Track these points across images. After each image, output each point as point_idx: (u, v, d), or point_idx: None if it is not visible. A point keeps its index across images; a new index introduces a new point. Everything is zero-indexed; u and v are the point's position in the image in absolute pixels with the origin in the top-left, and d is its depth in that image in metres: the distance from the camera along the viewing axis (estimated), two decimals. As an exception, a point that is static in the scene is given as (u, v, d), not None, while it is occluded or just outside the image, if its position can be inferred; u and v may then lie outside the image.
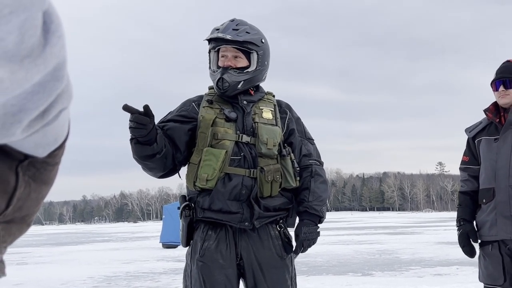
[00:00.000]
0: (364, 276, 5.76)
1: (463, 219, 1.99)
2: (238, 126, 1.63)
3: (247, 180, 1.59)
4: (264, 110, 1.69)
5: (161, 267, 7.36)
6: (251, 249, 1.60)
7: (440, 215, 49.65)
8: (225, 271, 1.58)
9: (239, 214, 1.58)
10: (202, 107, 1.64)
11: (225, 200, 1.57)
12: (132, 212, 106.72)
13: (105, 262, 8.58)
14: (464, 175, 2.04)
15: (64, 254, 10.82)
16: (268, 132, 1.64)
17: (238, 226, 1.58)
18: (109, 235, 22.55)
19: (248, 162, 1.60)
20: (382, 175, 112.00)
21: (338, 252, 8.82)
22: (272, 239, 1.63)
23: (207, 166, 1.57)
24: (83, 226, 59.22)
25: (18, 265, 8.74)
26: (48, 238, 21.03)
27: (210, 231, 1.60)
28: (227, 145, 1.60)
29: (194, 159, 1.60)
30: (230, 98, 1.65)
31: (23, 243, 16.96)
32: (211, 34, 1.62)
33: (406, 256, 7.80)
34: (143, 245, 13.12)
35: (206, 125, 1.60)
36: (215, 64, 1.64)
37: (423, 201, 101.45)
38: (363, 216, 51.89)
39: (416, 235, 13.61)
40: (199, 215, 1.60)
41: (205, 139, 1.59)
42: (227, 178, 1.58)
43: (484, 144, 1.96)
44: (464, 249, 1.99)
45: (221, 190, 1.57)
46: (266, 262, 1.60)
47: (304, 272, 6.14)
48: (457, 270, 5.87)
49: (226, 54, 1.63)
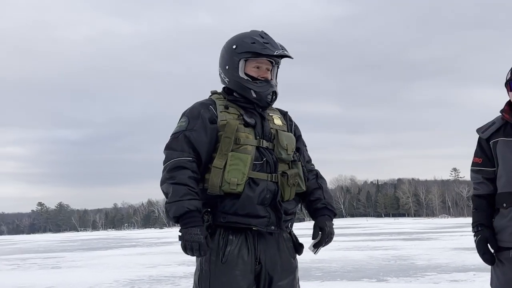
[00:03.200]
0: (379, 282, 5.56)
1: (481, 224, 1.79)
2: (257, 131, 1.59)
3: (270, 184, 1.56)
4: (274, 117, 1.67)
5: (181, 271, 7.33)
6: (269, 253, 1.56)
7: (456, 220, 47.96)
8: (248, 276, 1.53)
9: (266, 218, 1.55)
10: (220, 112, 1.59)
11: (254, 205, 1.53)
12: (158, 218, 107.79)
13: (131, 266, 8.63)
14: (477, 177, 1.85)
15: (94, 259, 10.96)
16: (287, 138, 1.63)
17: (265, 230, 1.54)
18: (137, 240, 22.78)
19: (270, 167, 1.57)
20: (397, 181, 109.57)
21: (353, 258, 8.58)
22: (285, 241, 1.61)
23: (235, 171, 1.51)
24: (113, 232, 60.13)
25: (52, 269, 8.88)
26: (82, 244, 21.42)
27: (231, 236, 1.54)
28: (249, 150, 1.55)
29: (217, 164, 1.53)
30: (247, 104, 1.62)
31: (58, 248, 17.32)
32: (271, 48, 1.60)
33: (422, 262, 7.50)
34: (167, 250, 13.18)
35: (231, 130, 1.55)
36: (242, 72, 1.61)
37: (438, 207, 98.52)
38: (379, 222, 50.74)
39: (432, 241, 13.16)
40: (221, 220, 1.54)
41: (230, 143, 1.54)
42: (252, 182, 1.54)
43: (503, 145, 1.77)
44: (484, 256, 1.78)
45: (250, 195, 1.52)
46: (281, 265, 1.58)
47: (318, 278, 5.97)
48: (474, 276, 5.58)
49: (262, 66, 1.62)
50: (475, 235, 1.82)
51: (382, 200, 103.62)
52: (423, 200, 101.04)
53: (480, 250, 1.79)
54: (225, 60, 1.65)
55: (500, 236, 1.78)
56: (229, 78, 1.64)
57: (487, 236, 1.78)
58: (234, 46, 1.63)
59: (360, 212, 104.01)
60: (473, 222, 1.85)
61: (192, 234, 1.46)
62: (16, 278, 7.31)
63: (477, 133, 1.88)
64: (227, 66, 1.63)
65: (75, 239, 30.63)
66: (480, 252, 1.80)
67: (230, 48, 1.64)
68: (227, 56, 1.64)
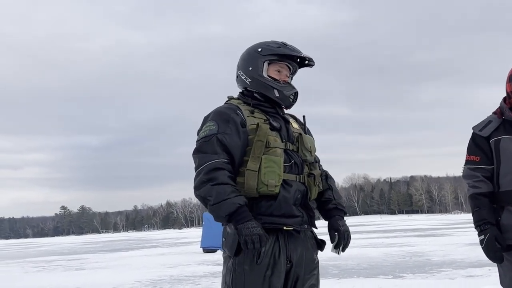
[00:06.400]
0: (395, 278, 5.47)
1: (488, 222, 1.73)
2: (283, 134, 1.61)
3: (300, 185, 1.59)
4: (291, 120, 1.69)
5: (201, 271, 7.36)
6: (298, 251, 1.58)
7: (469, 216, 46.76)
8: (281, 275, 1.53)
9: (300, 218, 1.57)
10: (247, 116, 1.59)
11: (290, 205, 1.55)
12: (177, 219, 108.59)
13: (152, 266, 8.69)
14: (476, 175, 1.78)
15: (117, 260, 11.07)
16: (309, 140, 1.66)
17: (299, 228, 1.57)
18: (157, 241, 22.96)
19: (298, 168, 1.59)
20: (409, 179, 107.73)
21: (369, 255, 8.47)
22: (309, 239, 1.63)
23: (272, 173, 1.52)
24: (134, 234, 60.76)
25: (76, 270, 9.01)
26: (104, 245, 21.69)
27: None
28: (278, 152, 1.56)
29: (252, 166, 1.52)
30: (269, 109, 1.64)
31: (82, 250, 17.59)
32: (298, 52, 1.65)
33: (437, 258, 7.36)
34: (186, 250, 13.23)
35: (264, 134, 1.55)
36: (266, 73, 1.63)
37: (451, 203, 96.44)
38: (392, 219, 49.94)
39: (447, 237, 12.88)
40: (258, 221, 1.51)
41: (262, 147, 1.54)
42: (285, 184, 1.55)
43: (507, 143, 1.74)
44: (496, 254, 1.72)
45: (286, 196, 1.54)
46: (306, 262, 1.59)
47: (335, 275, 5.91)
48: (489, 272, 5.43)
49: (282, 71, 1.65)
50: (481, 233, 1.75)
51: (395, 198, 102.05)
52: (436, 197, 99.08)
53: (490, 248, 1.72)
54: (247, 62, 1.65)
55: (509, 234, 1.70)
56: (251, 78, 1.64)
57: (495, 234, 1.71)
58: (260, 49, 1.64)
59: (374, 210, 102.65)
60: (477, 221, 1.77)
61: (251, 228, 1.45)
62: (42, 280, 7.44)
63: (473, 131, 1.82)
64: (250, 67, 1.63)
65: (97, 241, 31.06)
66: (491, 250, 1.72)
67: (254, 51, 1.65)
68: (250, 58, 1.65)
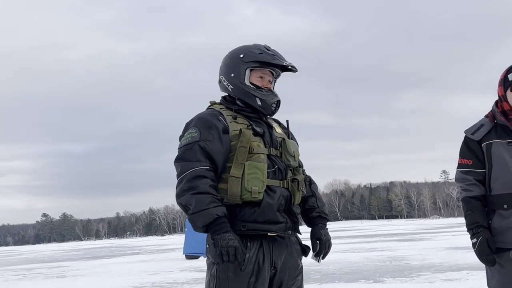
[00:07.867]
0: (376, 283, 5.51)
1: (480, 225, 1.71)
2: (266, 140, 1.58)
3: (283, 191, 1.56)
4: (274, 125, 1.66)
5: (184, 277, 7.25)
6: (283, 257, 1.55)
7: (447, 221, 47.91)
8: (265, 282, 1.51)
9: (284, 224, 1.54)
10: (229, 122, 1.55)
11: (274, 211, 1.52)
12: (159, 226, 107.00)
13: (134, 273, 8.51)
14: (468, 178, 1.77)
15: (98, 267, 10.80)
16: (293, 145, 1.63)
17: (283, 235, 1.55)
18: (139, 248, 22.52)
19: (281, 174, 1.57)
20: (389, 184, 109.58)
21: (350, 260, 8.53)
22: (293, 244, 1.60)
23: (255, 179, 1.49)
24: (116, 241, 59.48)
25: (57, 278, 8.74)
26: (86, 253, 21.13)
27: (249, 243, 1.51)
28: (262, 158, 1.53)
29: (235, 173, 1.49)
30: (252, 114, 1.60)
31: (63, 258, 17.06)
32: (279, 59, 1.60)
33: (416, 262, 7.45)
34: (169, 256, 13.01)
35: (247, 140, 1.52)
36: (248, 80, 1.59)
37: (430, 208, 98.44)
38: (373, 224, 50.55)
39: (425, 241, 13.07)
40: (241, 228, 1.49)
41: (245, 153, 1.51)
42: (269, 190, 1.52)
43: (498, 147, 1.72)
44: (488, 258, 1.69)
45: (270, 202, 1.52)
46: (290, 267, 1.57)
47: (317, 280, 5.92)
48: (467, 275, 5.55)
49: (265, 77, 1.61)
50: (473, 236, 1.72)
51: (376, 203, 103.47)
52: (415, 202, 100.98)
53: (483, 251, 1.71)
54: (229, 68, 1.62)
55: (501, 237, 1.71)
56: (233, 85, 1.60)
57: (488, 237, 1.70)
58: (241, 55, 1.60)
59: (355, 215, 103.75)
60: (470, 224, 1.76)
61: (227, 240, 1.42)
62: (22, 288, 7.21)
63: (465, 135, 1.82)
64: (232, 74, 1.60)
65: (79, 248, 30.22)
66: (483, 253, 1.71)
67: (236, 57, 1.61)
68: (232, 64, 1.61)
